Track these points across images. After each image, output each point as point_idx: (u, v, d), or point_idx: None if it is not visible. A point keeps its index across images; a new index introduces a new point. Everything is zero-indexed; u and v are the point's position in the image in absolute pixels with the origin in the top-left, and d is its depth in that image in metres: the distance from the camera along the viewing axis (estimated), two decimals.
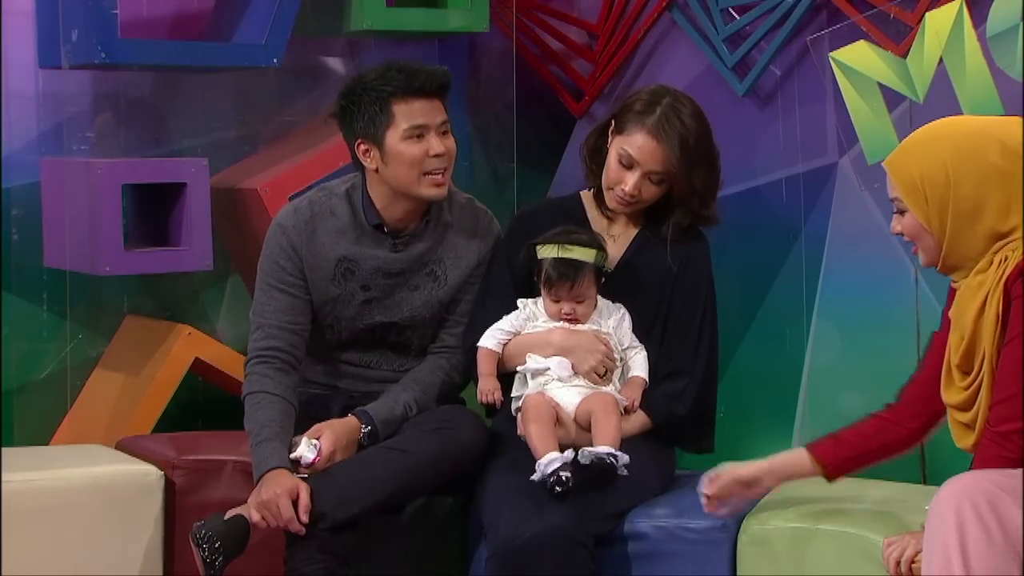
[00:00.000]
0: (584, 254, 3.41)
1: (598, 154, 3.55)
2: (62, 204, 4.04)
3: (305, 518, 3.23)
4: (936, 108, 3.71)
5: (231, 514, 3.28)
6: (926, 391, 3.11)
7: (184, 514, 3.52)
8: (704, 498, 3.24)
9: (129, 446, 3.78)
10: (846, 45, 3.81)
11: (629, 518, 3.36)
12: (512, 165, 4.68)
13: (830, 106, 3.99)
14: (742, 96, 4.17)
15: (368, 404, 3.49)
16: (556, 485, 3.18)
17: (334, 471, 3.34)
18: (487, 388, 3.44)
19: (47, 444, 4.09)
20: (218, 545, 3.22)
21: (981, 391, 2.91)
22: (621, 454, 3.25)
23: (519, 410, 3.41)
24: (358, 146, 3.49)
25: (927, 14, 3.70)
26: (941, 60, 3.65)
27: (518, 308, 3.49)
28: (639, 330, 3.51)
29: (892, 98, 3.78)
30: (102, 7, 3.88)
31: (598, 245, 3.45)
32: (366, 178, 3.54)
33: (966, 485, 2.78)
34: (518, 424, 3.39)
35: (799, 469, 3.24)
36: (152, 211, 4.12)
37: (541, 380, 3.41)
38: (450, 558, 3.61)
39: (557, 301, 3.44)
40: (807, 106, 4.07)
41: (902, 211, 2.96)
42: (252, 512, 3.26)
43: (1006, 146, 2.85)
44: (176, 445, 3.69)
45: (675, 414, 3.49)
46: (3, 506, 3.34)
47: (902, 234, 2.99)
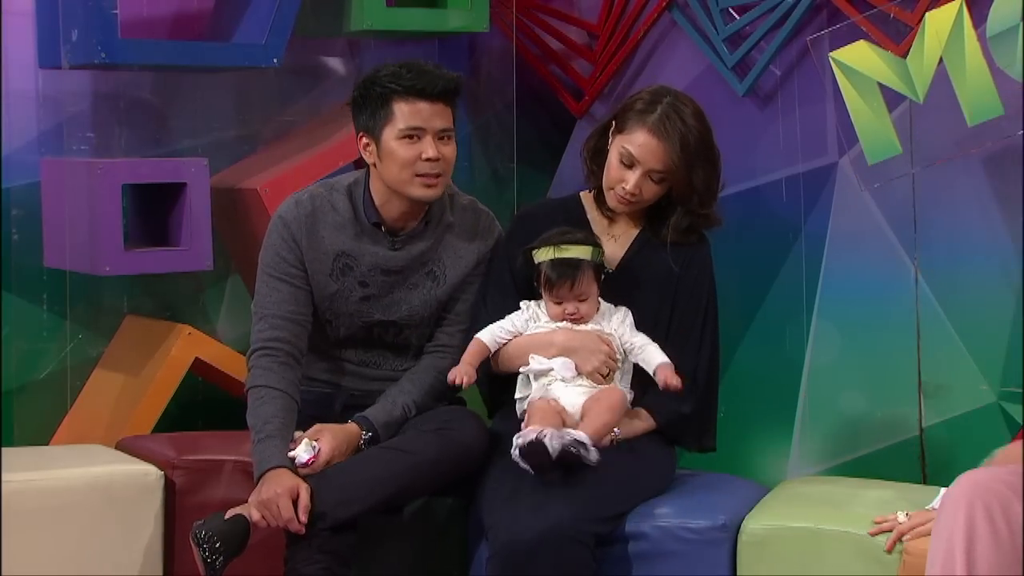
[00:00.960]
0: (580, 252, 3.41)
1: (599, 155, 3.55)
2: (62, 204, 4.04)
3: (304, 518, 3.23)
4: (936, 108, 3.71)
5: (231, 514, 3.28)
6: None
7: (184, 514, 3.52)
8: None
9: (129, 446, 3.78)
10: (846, 45, 3.81)
11: (630, 518, 3.36)
12: (512, 165, 4.68)
13: (830, 106, 3.99)
14: (742, 96, 4.17)
15: (368, 407, 3.49)
16: (523, 456, 3.17)
17: (334, 471, 3.34)
18: (459, 371, 3.40)
19: (47, 444, 4.09)
20: (218, 545, 3.22)
21: None
22: (592, 448, 3.21)
23: (524, 412, 3.41)
24: (360, 139, 3.52)
25: (927, 14, 3.70)
26: (941, 60, 3.65)
27: (520, 309, 3.49)
28: (640, 330, 3.51)
29: (892, 98, 3.78)
30: (102, 7, 3.87)
31: (593, 242, 3.45)
32: (369, 174, 3.56)
33: (981, 483, 2.77)
34: (523, 427, 3.38)
35: None
36: (152, 211, 4.12)
37: (544, 381, 3.41)
38: (450, 558, 3.61)
39: (559, 302, 3.43)
40: (807, 106, 4.07)
41: None
42: (252, 511, 3.26)
43: None
44: (176, 445, 3.69)
45: (680, 414, 3.49)
46: (3, 506, 3.34)
47: None
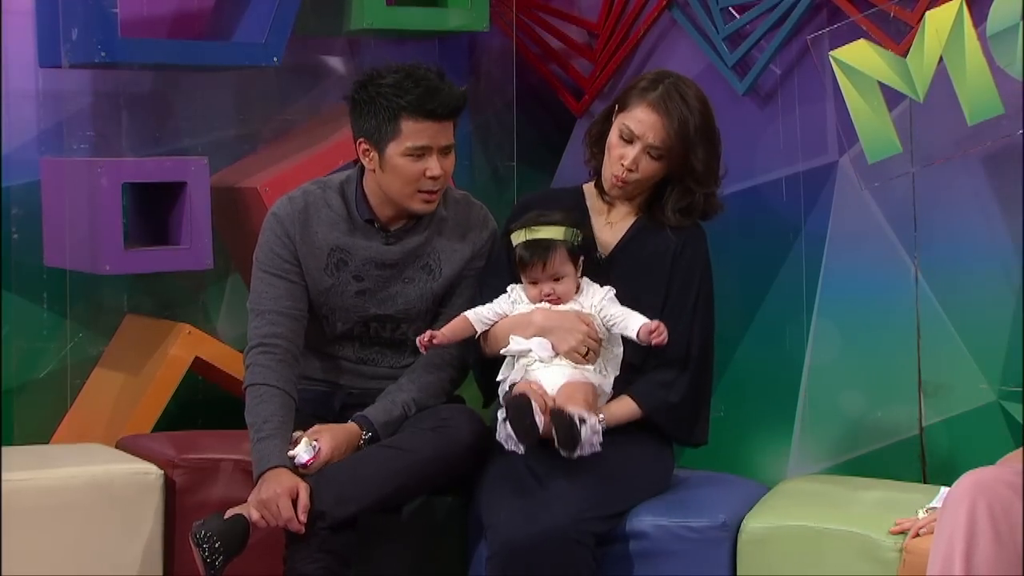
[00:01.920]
0: (553, 232, 3.41)
1: (601, 139, 3.57)
2: (62, 203, 4.04)
3: (304, 518, 3.23)
4: (936, 107, 3.71)
5: (231, 513, 3.29)
6: None
7: (184, 513, 3.52)
8: None
9: (129, 445, 3.78)
10: (846, 44, 3.81)
11: (629, 517, 3.36)
12: (512, 164, 4.68)
13: (830, 105, 3.99)
14: (742, 95, 4.17)
15: (367, 406, 3.49)
16: (508, 420, 3.19)
17: (333, 470, 3.34)
18: (429, 331, 3.42)
19: (47, 443, 4.09)
20: (218, 544, 3.22)
21: None
22: (590, 417, 3.22)
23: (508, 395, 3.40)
24: (359, 143, 3.51)
25: (927, 13, 3.69)
26: (941, 59, 3.65)
27: (505, 293, 3.50)
28: None
29: (892, 97, 3.78)
30: (102, 6, 3.87)
31: (570, 223, 3.44)
32: (363, 172, 3.55)
33: (983, 482, 2.76)
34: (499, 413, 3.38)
35: None
36: (152, 210, 4.12)
37: (524, 362, 3.41)
38: (450, 558, 3.61)
39: (535, 283, 3.44)
40: (807, 105, 4.07)
41: None
42: (251, 511, 3.26)
43: None
44: (176, 444, 3.69)
45: (667, 402, 3.48)
46: (3, 505, 3.34)
47: None
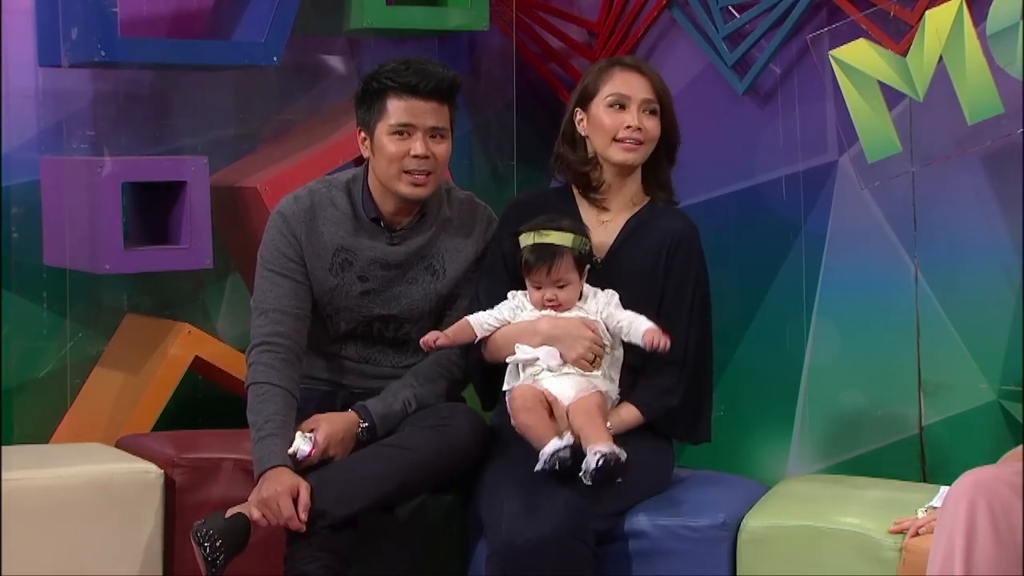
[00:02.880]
0: (561, 238, 3.41)
1: (574, 144, 3.59)
2: (62, 202, 4.04)
3: (304, 516, 3.24)
4: (936, 107, 3.71)
5: (231, 512, 3.29)
6: None
7: (184, 513, 3.52)
8: None
9: (129, 444, 3.78)
10: (846, 43, 3.81)
11: (629, 516, 3.36)
12: (512, 163, 4.68)
13: (830, 104, 3.99)
14: (742, 94, 4.17)
15: (367, 400, 3.49)
16: (558, 464, 3.18)
17: (333, 469, 3.34)
18: (434, 332, 3.43)
19: (47, 442, 4.09)
20: (219, 543, 3.22)
21: None
22: (620, 451, 3.22)
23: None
24: (359, 134, 3.56)
25: (927, 12, 3.69)
26: (941, 58, 3.65)
27: (507, 299, 3.50)
28: None
29: (892, 96, 3.78)
30: (102, 5, 3.87)
31: (578, 231, 3.44)
32: (368, 170, 3.57)
33: (984, 481, 2.76)
34: (511, 417, 3.38)
35: None
36: (152, 209, 4.12)
37: (532, 371, 3.41)
38: (450, 557, 3.61)
39: (538, 287, 3.44)
40: (807, 104, 4.07)
41: None
42: (252, 510, 3.26)
43: None
44: (176, 443, 3.69)
45: (669, 408, 3.48)
46: (3, 504, 3.34)
47: None
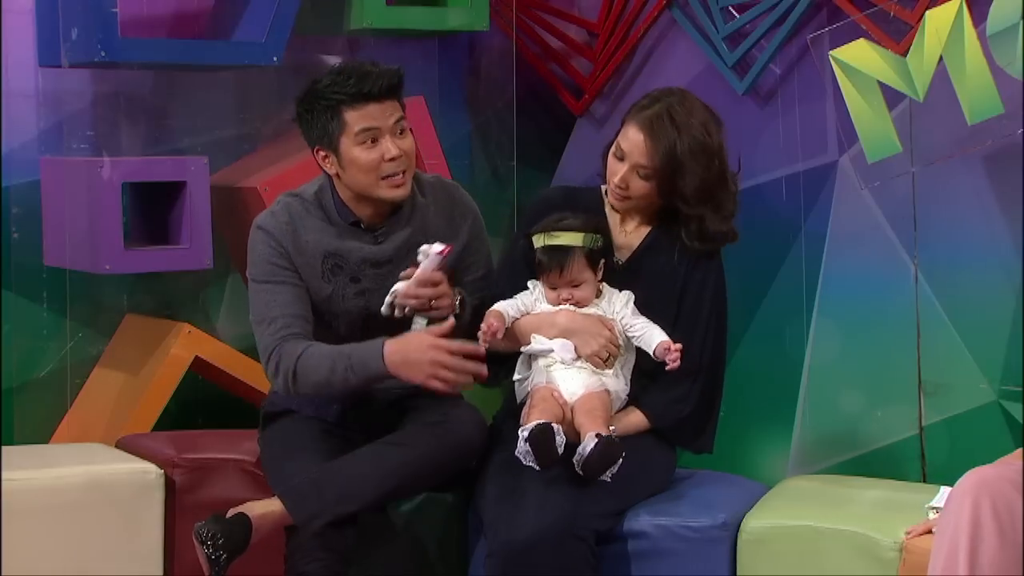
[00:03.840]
0: (571, 239, 3.41)
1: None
2: (62, 202, 4.04)
3: (486, 343, 3.28)
4: (936, 107, 3.71)
5: (233, 512, 3.28)
6: None
7: (184, 513, 3.53)
8: None
9: (129, 444, 3.78)
10: (846, 43, 3.81)
11: (629, 516, 3.36)
12: (512, 163, 4.68)
13: (830, 105, 3.99)
14: (742, 95, 4.17)
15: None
16: (531, 443, 3.17)
17: (333, 469, 3.34)
18: (490, 322, 3.37)
19: (47, 442, 4.09)
20: (222, 542, 3.22)
21: None
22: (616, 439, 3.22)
23: (527, 394, 3.40)
24: (317, 152, 3.50)
25: (927, 12, 3.69)
26: (941, 59, 3.65)
27: (528, 288, 3.50)
28: None
29: (892, 97, 3.78)
30: (102, 6, 3.87)
31: (590, 228, 3.44)
32: (332, 182, 3.54)
33: (988, 480, 2.76)
34: (523, 412, 3.38)
35: None
36: (152, 210, 4.12)
37: (545, 363, 3.41)
38: (450, 556, 3.61)
39: (553, 288, 3.44)
40: (807, 105, 4.07)
41: None
42: (430, 380, 3.25)
43: None
44: (176, 443, 3.69)
45: (677, 418, 3.49)
46: (3, 505, 3.34)
47: None
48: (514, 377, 3.48)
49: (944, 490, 3.14)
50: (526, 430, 3.22)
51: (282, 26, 4.08)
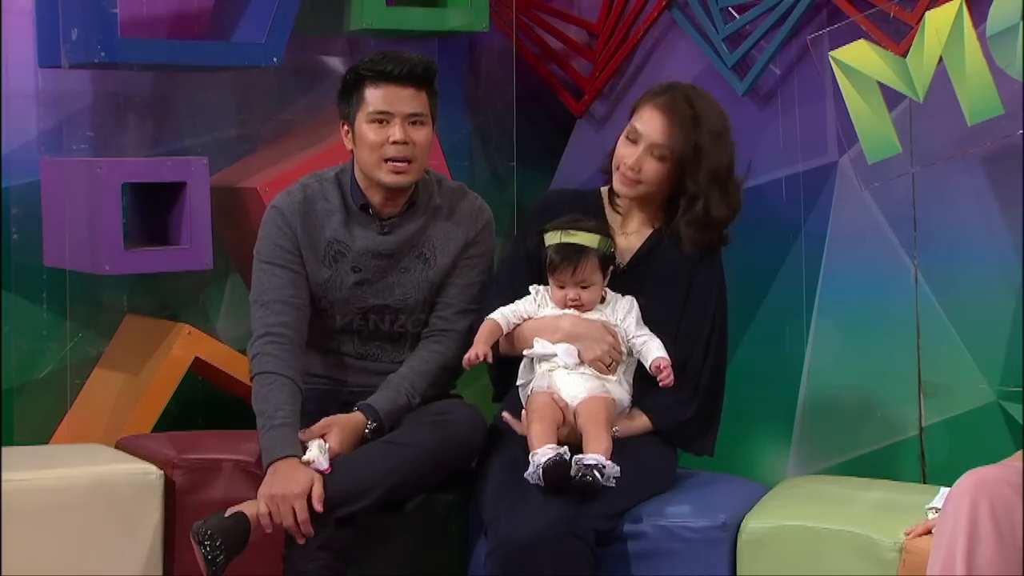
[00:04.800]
0: (587, 239, 3.42)
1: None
2: (62, 203, 4.04)
3: (320, 508, 3.24)
4: (936, 107, 3.71)
5: (231, 512, 3.28)
6: None
7: (184, 513, 3.52)
8: None
9: (129, 445, 3.78)
10: (846, 44, 3.81)
11: (630, 517, 3.36)
12: (512, 164, 4.68)
13: (830, 105, 3.99)
14: (742, 95, 4.17)
15: (370, 397, 3.49)
16: (545, 477, 3.17)
17: (333, 467, 3.34)
18: (473, 350, 3.39)
19: (47, 443, 4.09)
20: (219, 543, 3.22)
21: None
22: (609, 464, 3.22)
23: (527, 399, 3.41)
24: (342, 127, 3.59)
25: (927, 13, 3.70)
26: (941, 59, 3.65)
27: (530, 293, 3.50)
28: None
29: (892, 97, 3.78)
30: (102, 6, 3.87)
31: (604, 233, 3.46)
32: (354, 160, 3.59)
33: (987, 481, 2.76)
34: (522, 416, 3.39)
35: None
36: (152, 210, 4.12)
37: (547, 367, 3.41)
38: (450, 555, 3.60)
39: (562, 287, 3.44)
40: (807, 105, 4.07)
41: None
42: (260, 504, 3.26)
43: None
44: (176, 444, 3.69)
45: (679, 420, 3.49)
46: (3, 505, 3.34)
47: None
48: (517, 382, 3.48)
49: (944, 491, 3.14)
50: (541, 459, 3.20)
51: (282, 27, 4.09)
